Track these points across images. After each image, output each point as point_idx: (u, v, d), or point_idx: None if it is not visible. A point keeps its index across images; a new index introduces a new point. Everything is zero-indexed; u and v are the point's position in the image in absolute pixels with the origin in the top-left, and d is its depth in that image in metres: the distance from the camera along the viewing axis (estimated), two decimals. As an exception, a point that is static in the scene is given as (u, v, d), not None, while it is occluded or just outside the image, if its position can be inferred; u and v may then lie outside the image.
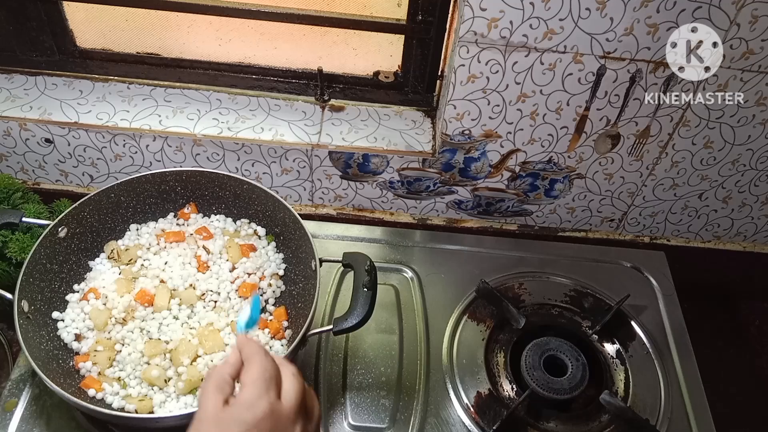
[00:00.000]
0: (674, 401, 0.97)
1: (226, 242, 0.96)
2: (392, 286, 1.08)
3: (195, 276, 0.92)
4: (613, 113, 0.99)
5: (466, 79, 0.95)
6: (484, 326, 1.03)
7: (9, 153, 1.13)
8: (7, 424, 0.86)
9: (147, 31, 1.06)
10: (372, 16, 1.00)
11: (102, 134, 1.08)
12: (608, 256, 1.17)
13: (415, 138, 1.07)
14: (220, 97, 1.11)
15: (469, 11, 0.86)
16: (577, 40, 0.89)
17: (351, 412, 0.91)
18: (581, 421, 0.94)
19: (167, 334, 0.87)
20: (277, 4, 0.98)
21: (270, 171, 1.13)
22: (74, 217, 0.91)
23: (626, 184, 1.12)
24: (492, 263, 1.12)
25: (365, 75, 1.10)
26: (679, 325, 1.06)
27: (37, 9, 1.02)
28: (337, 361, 0.97)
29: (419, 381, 0.96)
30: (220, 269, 0.94)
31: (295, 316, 0.92)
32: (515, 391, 0.96)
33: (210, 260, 0.95)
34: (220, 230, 0.99)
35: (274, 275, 0.95)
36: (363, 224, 1.19)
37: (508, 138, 1.04)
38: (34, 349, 0.80)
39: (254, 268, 0.94)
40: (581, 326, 1.05)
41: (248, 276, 0.94)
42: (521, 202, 1.17)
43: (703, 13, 0.85)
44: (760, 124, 1.00)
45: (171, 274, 0.92)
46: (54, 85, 1.10)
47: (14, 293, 0.80)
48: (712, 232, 1.22)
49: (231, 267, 0.94)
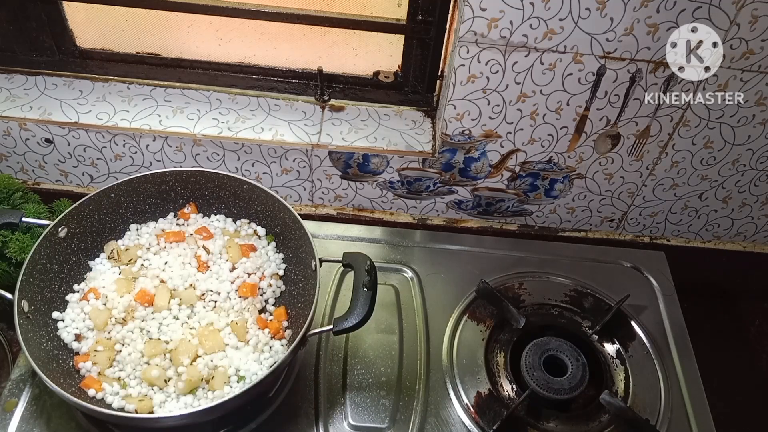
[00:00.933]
0: (674, 401, 0.97)
1: (226, 242, 0.96)
2: (392, 286, 1.08)
3: (195, 276, 0.92)
4: (613, 113, 0.99)
5: (466, 79, 0.95)
6: (484, 326, 1.03)
7: (9, 153, 1.13)
8: (7, 424, 0.86)
9: (147, 31, 1.06)
10: (372, 16, 1.00)
11: (102, 134, 1.08)
12: (608, 256, 1.16)
13: (415, 138, 1.07)
14: (220, 97, 1.11)
15: (469, 11, 0.86)
16: (577, 40, 0.89)
17: (351, 412, 0.91)
18: (581, 421, 0.94)
19: (167, 334, 0.87)
20: (277, 4, 0.98)
21: (270, 171, 1.13)
22: (74, 217, 0.91)
23: (626, 184, 1.12)
24: (492, 263, 1.12)
25: (365, 75, 1.10)
26: (679, 325, 1.06)
27: (37, 9, 1.02)
28: (337, 361, 0.97)
29: (419, 381, 0.96)
30: (220, 269, 0.94)
31: (295, 316, 0.92)
32: (515, 391, 0.96)
33: (210, 260, 0.95)
34: (220, 230, 0.99)
35: (274, 275, 0.95)
36: (363, 224, 1.19)
37: (508, 138, 1.04)
38: (34, 349, 0.80)
39: (254, 268, 0.94)
40: (581, 326, 1.05)
41: (248, 276, 0.94)
42: (521, 202, 1.17)
43: (703, 13, 0.85)
44: (760, 124, 1.00)
45: (171, 274, 0.92)
46: (54, 85, 1.10)
47: (14, 293, 0.80)
48: (712, 232, 1.22)
49: (231, 267, 0.94)
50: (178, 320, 0.88)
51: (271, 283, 0.95)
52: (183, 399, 0.82)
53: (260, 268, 0.95)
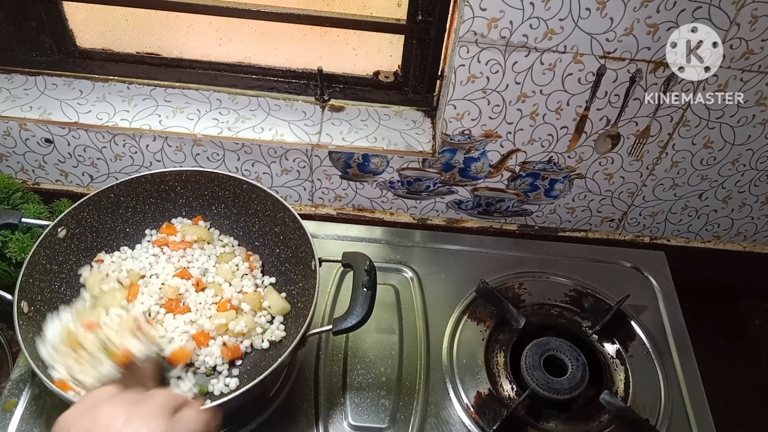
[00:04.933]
0: (674, 401, 0.97)
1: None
2: (392, 286, 1.08)
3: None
4: (613, 113, 0.99)
5: (466, 79, 0.95)
6: (484, 326, 1.03)
7: (9, 153, 1.13)
8: (7, 424, 0.86)
9: (147, 31, 1.06)
10: (372, 16, 1.00)
11: (102, 134, 1.08)
12: (608, 256, 1.16)
13: (415, 138, 1.07)
14: (220, 97, 1.11)
15: (469, 11, 0.86)
16: (577, 40, 0.89)
17: (351, 412, 0.91)
18: (581, 421, 0.94)
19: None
20: (277, 4, 0.99)
21: (270, 171, 1.13)
22: (74, 217, 0.91)
23: (626, 184, 1.12)
24: (492, 263, 1.12)
25: (365, 75, 1.10)
26: (679, 325, 1.06)
27: (37, 9, 1.02)
28: (337, 361, 0.97)
29: (419, 381, 0.96)
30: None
31: (294, 316, 0.92)
32: (515, 391, 0.96)
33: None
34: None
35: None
36: (363, 224, 1.19)
37: (508, 138, 1.04)
38: (34, 349, 0.79)
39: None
40: (581, 326, 1.05)
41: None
42: (521, 202, 1.17)
43: (703, 13, 0.85)
44: (760, 124, 1.00)
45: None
46: (54, 85, 1.10)
47: (14, 293, 0.80)
48: (712, 232, 1.22)
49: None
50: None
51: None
52: (183, 399, 0.82)
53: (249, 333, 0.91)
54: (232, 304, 0.91)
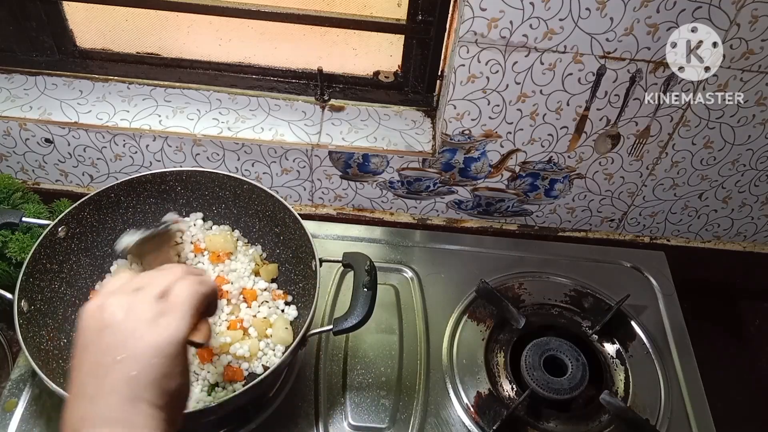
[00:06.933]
0: (674, 401, 0.97)
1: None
2: (392, 286, 1.08)
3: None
4: (613, 113, 0.99)
5: (466, 79, 0.95)
6: (484, 326, 1.03)
7: (9, 153, 1.13)
8: (7, 424, 0.86)
9: (147, 31, 1.06)
10: (372, 16, 1.00)
11: (102, 134, 1.08)
12: (608, 256, 1.17)
13: (415, 138, 1.07)
14: (220, 97, 1.11)
15: (469, 11, 0.86)
16: (577, 40, 0.89)
17: (351, 412, 0.91)
18: (581, 421, 0.94)
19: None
20: (277, 4, 0.98)
21: (270, 171, 1.13)
22: (74, 217, 0.91)
23: (626, 184, 1.12)
24: (492, 263, 1.12)
25: (365, 75, 1.10)
26: (679, 325, 1.06)
27: (37, 9, 1.02)
28: (337, 361, 0.97)
29: (419, 381, 0.96)
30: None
31: (294, 316, 0.92)
32: (515, 391, 0.96)
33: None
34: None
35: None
36: (363, 224, 1.19)
37: (508, 138, 1.04)
38: (34, 349, 0.79)
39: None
40: (581, 326, 1.05)
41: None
42: (521, 202, 1.17)
43: (703, 13, 0.85)
44: (760, 124, 1.00)
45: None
46: (54, 85, 1.10)
47: (14, 293, 0.80)
48: (712, 232, 1.22)
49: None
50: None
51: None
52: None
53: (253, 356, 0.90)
54: (243, 325, 0.89)
